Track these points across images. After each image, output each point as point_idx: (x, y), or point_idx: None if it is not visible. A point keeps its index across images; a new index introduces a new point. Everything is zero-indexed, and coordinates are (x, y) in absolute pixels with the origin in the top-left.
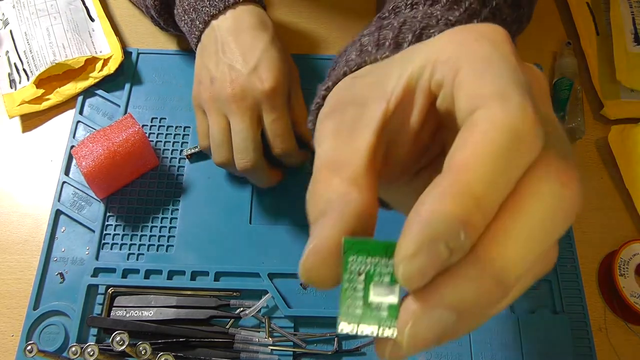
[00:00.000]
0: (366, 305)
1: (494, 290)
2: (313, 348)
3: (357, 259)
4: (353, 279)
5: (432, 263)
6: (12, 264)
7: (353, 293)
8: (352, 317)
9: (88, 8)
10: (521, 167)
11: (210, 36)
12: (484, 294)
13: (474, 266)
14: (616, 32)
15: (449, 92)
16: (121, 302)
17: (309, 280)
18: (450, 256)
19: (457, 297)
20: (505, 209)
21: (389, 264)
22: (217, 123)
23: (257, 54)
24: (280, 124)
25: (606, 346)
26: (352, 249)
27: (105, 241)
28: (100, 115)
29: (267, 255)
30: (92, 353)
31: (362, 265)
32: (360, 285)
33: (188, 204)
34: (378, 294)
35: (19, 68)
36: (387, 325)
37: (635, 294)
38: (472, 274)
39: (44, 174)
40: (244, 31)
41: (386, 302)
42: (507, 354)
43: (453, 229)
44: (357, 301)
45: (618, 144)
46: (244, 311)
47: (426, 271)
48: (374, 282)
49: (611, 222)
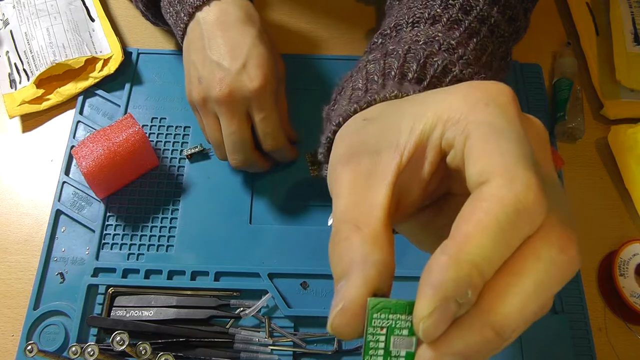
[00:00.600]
0: (386, 354)
1: (494, 339)
2: (313, 348)
3: (380, 315)
4: (376, 332)
5: (444, 318)
6: (12, 264)
7: (375, 344)
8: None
9: (88, 8)
10: (522, 237)
11: (195, 30)
12: (485, 343)
13: (477, 319)
14: (616, 32)
15: (460, 154)
16: (121, 302)
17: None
18: (459, 310)
19: (463, 345)
20: (507, 269)
21: (407, 320)
22: (210, 124)
23: (245, 51)
24: (270, 122)
25: (606, 346)
26: (376, 307)
27: (105, 241)
28: (101, 115)
29: (267, 255)
30: (92, 353)
31: (385, 321)
32: (382, 338)
33: (188, 204)
34: (397, 345)
35: (19, 68)
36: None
37: (635, 294)
38: (476, 326)
39: (44, 174)
40: (231, 25)
41: (404, 351)
42: (507, 353)
43: (461, 290)
44: (378, 351)
45: (618, 144)
46: (244, 311)
47: (439, 325)
48: (394, 335)
49: (611, 222)
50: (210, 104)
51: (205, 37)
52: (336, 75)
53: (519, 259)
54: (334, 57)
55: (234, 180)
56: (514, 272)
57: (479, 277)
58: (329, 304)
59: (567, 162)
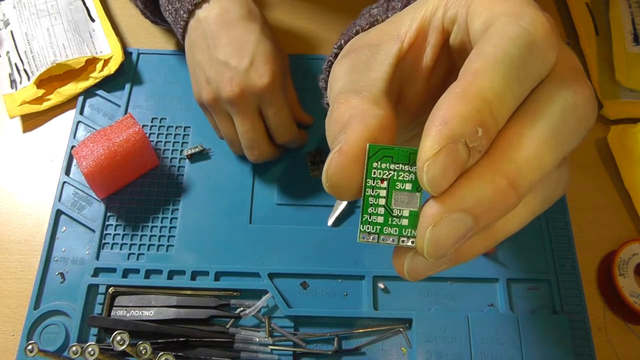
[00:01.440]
0: (387, 213)
1: (508, 192)
2: (313, 348)
3: (380, 165)
4: (376, 185)
5: (452, 163)
6: (12, 264)
7: (375, 201)
8: (373, 225)
9: (88, 8)
10: (534, 74)
11: (197, 30)
12: (499, 195)
13: (489, 167)
14: (615, 33)
15: (463, 25)
16: (121, 302)
17: (332, 185)
18: (469, 158)
19: (473, 199)
20: (520, 115)
21: (411, 171)
22: (223, 124)
23: (251, 48)
24: (282, 115)
25: (606, 346)
26: (377, 154)
27: (105, 241)
28: (101, 115)
29: (267, 255)
30: (92, 353)
31: (385, 172)
32: (383, 192)
33: (188, 204)
34: (399, 202)
35: (20, 68)
36: (407, 234)
37: (635, 293)
38: (487, 175)
39: (44, 174)
40: (234, 23)
41: (407, 210)
42: (506, 353)
43: (470, 128)
44: (378, 209)
45: (617, 144)
46: (244, 311)
47: (447, 172)
48: (396, 190)
49: (611, 222)
50: (222, 104)
51: (208, 37)
52: None
53: (532, 103)
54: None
55: (234, 180)
56: (528, 116)
57: (490, 115)
58: (329, 303)
59: None
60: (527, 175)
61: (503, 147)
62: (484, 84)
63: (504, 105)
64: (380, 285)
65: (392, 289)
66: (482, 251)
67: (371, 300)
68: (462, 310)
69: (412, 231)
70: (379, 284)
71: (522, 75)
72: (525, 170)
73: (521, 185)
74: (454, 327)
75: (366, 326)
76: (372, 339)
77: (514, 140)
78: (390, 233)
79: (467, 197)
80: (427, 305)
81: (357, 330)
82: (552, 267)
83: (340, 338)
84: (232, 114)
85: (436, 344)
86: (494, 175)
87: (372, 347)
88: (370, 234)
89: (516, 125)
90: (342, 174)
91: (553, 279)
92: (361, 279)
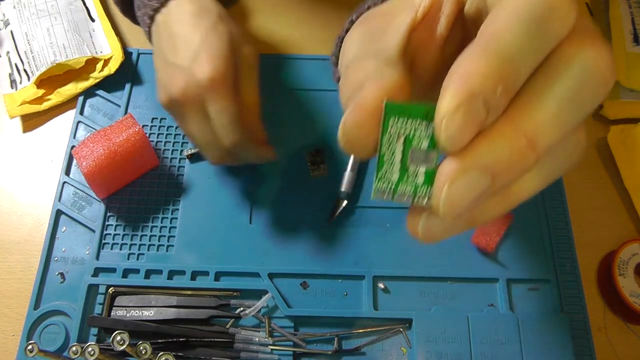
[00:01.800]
0: (403, 170)
1: (526, 151)
2: (313, 348)
3: (397, 121)
4: (392, 142)
5: (471, 119)
6: (12, 264)
7: (390, 158)
8: (387, 182)
9: (88, 8)
10: (554, 34)
11: (155, 35)
12: (517, 154)
13: (507, 125)
14: (615, 33)
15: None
16: (121, 302)
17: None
18: (487, 116)
19: (491, 157)
20: (540, 75)
21: (428, 128)
22: (184, 129)
23: (196, 45)
24: (226, 114)
25: (606, 346)
26: (393, 111)
27: (105, 241)
28: (101, 115)
29: (267, 255)
30: (92, 353)
31: (402, 129)
32: (399, 149)
33: (188, 204)
34: (415, 159)
35: (20, 68)
36: (423, 192)
37: (635, 293)
38: (506, 133)
39: (44, 174)
40: (183, 22)
41: (423, 168)
42: (506, 353)
43: (490, 84)
44: (393, 166)
45: (617, 144)
46: (244, 311)
47: (466, 128)
48: (412, 148)
49: (611, 222)
50: (177, 108)
51: (162, 40)
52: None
53: (552, 63)
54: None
55: (234, 180)
56: (548, 76)
57: (510, 73)
58: (329, 303)
59: None
60: (546, 135)
61: (522, 107)
62: (504, 42)
63: (523, 64)
64: (380, 285)
65: (392, 289)
66: (496, 215)
67: (371, 300)
68: (462, 310)
69: (427, 189)
70: (379, 284)
71: (542, 35)
72: (545, 130)
73: (540, 145)
74: (454, 327)
75: (366, 326)
76: (372, 339)
77: (534, 99)
78: (405, 191)
79: (485, 155)
80: (427, 305)
81: (357, 330)
82: (552, 267)
83: (340, 338)
84: (184, 115)
85: (436, 344)
86: (512, 133)
87: (372, 347)
88: (385, 191)
89: (535, 85)
90: (359, 130)
91: (553, 279)
92: (361, 279)
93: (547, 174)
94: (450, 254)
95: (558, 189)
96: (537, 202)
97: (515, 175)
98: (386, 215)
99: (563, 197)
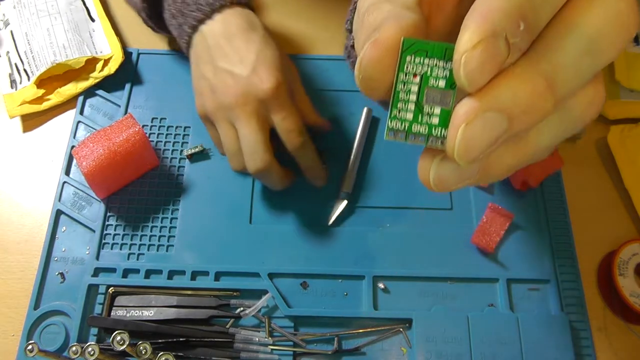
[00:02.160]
0: (418, 110)
1: (545, 94)
2: (313, 348)
3: (414, 59)
4: (408, 80)
5: (492, 57)
6: (12, 264)
7: (405, 96)
8: (401, 122)
9: (88, 8)
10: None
11: (202, 44)
12: (536, 97)
13: (528, 67)
14: None
15: None
16: (121, 302)
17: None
18: (508, 55)
19: (510, 98)
20: (562, 17)
21: (446, 67)
22: (226, 133)
23: (253, 55)
24: (291, 120)
25: (606, 346)
26: (411, 48)
27: (105, 241)
28: (101, 115)
29: (267, 255)
30: (92, 353)
31: (419, 67)
32: (414, 88)
33: (188, 204)
34: (431, 99)
35: (20, 68)
36: (437, 134)
37: (635, 293)
38: (526, 75)
39: (44, 174)
40: (236, 34)
41: (438, 108)
42: (506, 353)
43: (512, 22)
44: (408, 105)
45: (618, 144)
46: (244, 311)
47: (486, 66)
48: (428, 87)
49: (611, 222)
50: (225, 112)
51: (212, 49)
52: (336, 75)
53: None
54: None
55: (234, 180)
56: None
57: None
58: (329, 304)
59: (567, 162)
60: (566, 79)
61: (543, 49)
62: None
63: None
64: (380, 285)
65: (392, 289)
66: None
67: (371, 300)
68: (462, 310)
69: (442, 131)
70: (379, 284)
71: None
72: (565, 74)
73: (559, 89)
74: (454, 327)
75: (366, 326)
76: (372, 339)
77: (555, 43)
78: (420, 132)
79: (503, 96)
80: (427, 305)
81: (357, 330)
82: (552, 267)
83: (340, 338)
84: (234, 120)
85: (436, 344)
86: (532, 75)
87: (372, 347)
88: (398, 132)
89: (557, 27)
90: (375, 66)
91: (553, 279)
92: (361, 279)
93: (564, 126)
94: (450, 254)
95: (558, 189)
96: (537, 202)
97: (533, 120)
98: (386, 215)
99: (563, 197)
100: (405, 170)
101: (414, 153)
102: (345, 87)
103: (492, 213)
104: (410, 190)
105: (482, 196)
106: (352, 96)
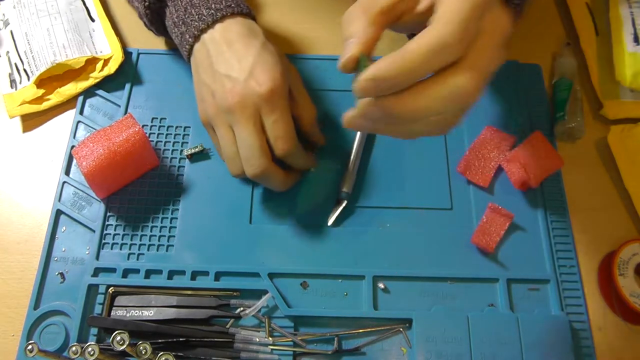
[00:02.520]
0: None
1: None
2: (313, 348)
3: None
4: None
5: (368, 92)
6: (12, 264)
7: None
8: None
9: (88, 8)
10: (445, 59)
11: (202, 51)
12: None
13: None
14: (615, 33)
15: None
16: (121, 302)
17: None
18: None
19: None
20: (425, 81)
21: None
22: (225, 136)
23: (251, 60)
24: (281, 125)
25: (606, 346)
26: (363, 61)
27: (105, 241)
28: (101, 115)
29: (267, 255)
30: (92, 353)
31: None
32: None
33: (188, 204)
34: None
35: (20, 68)
36: None
37: (635, 293)
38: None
39: (44, 174)
40: (235, 41)
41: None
42: (506, 353)
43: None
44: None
45: (617, 144)
46: (244, 311)
47: (363, 93)
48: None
49: (611, 222)
50: (225, 116)
51: (212, 55)
52: (336, 75)
53: (436, 76)
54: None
55: (234, 180)
56: (429, 83)
57: (412, 71)
58: (329, 303)
59: (567, 162)
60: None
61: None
62: (411, 53)
63: (421, 69)
64: (380, 285)
65: (392, 289)
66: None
67: (371, 300)
68: (462, 310)
69: None
70: (379, 284)
71: (438, 55)
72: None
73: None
74: (454, 327)
75: (366, 326)
76: (372, 339)
77: (413, 92)
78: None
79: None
80: (427, 305)
81: (357, 330)
82: (552, 267)
83: (340, 338)
84: (234, 123)
85: (436, 344)
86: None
87: (372, 347)
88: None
89: (420, 85)
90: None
91: (553, 279)
92: (361, 279)
93: None
94: (450, 254)
95: (558, 189)
96: (537, 202)
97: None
98: (386, 215)
99: (563, 197)
100: (405, 170)
101: (414, 153)
102: (345, 87)
103: (492, 213)
104: (410, 190)
105: (482, 196)
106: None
